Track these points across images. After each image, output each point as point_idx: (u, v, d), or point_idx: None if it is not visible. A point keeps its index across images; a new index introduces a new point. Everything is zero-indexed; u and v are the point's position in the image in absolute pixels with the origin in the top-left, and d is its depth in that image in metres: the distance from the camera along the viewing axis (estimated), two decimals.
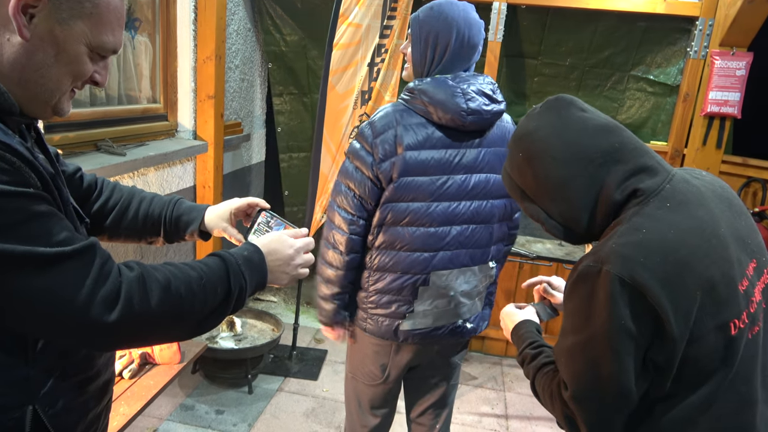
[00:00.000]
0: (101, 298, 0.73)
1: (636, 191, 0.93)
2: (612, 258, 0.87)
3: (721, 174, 2.90)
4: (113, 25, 0.81)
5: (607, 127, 0.97)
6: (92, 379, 0.90)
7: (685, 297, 0.85)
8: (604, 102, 3.17)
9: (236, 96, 3.33)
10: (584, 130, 0.96)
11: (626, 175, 0.94)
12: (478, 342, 3.57)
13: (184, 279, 0.82)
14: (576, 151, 0.95)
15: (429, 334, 1.59)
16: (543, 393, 1.03)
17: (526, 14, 3.08)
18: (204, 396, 2.80)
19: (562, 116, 0.98)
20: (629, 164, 0.94)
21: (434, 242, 1.50)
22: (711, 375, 0.90)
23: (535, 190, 1.01)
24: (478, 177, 1.51)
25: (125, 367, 1.84)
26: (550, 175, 0.97)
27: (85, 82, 0.84)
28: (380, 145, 1.44)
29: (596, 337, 0.88)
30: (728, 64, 2.69)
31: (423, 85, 1.45)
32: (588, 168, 0.94)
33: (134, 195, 1.14)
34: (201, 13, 2.78)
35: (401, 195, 1.46)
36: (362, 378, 1.72)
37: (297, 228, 1.08)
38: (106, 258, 0.77)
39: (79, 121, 2.24)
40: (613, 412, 0.91)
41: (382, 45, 2.98)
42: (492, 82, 1.52)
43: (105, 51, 0.82)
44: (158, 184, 2.62)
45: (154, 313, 0.78)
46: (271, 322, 3.13)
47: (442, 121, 1.45)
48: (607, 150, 0.94)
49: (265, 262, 0.96)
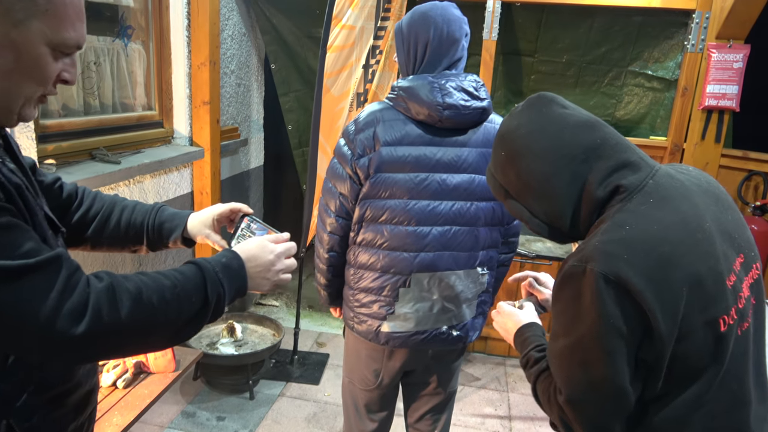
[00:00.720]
0: (67, 311, 0.71)
1: (619, 187, 0.92)
2: (596, 256, 0.86)
3: (721, 168, 2.87)
4: (72, 19, 0.78)
5: (588, 123, 0.96)
6: (72, 391, 0.88)
7: (671, 293, 0.84)
8: (601, 98, 3.15)
9: (233, 101, 3.33)
10: (565, 127, 0.95)
11: (608, 172, 0.93)
12: (480, 343, 3.55)
13: (156, 288, 0.81)
14: (558, 148, 0.95)
15: (410, 338, 1.56)
16: (542, 397, 1.01)
17: (520, 11, 3.06)
18: (205, 402, 2.79)
19: (543, 113, 0.98)
20: (611, 160, 0.93)
21: (414, 241, 1.48)
22: (701, 372, 0.88)
23: (518, 188, 1.00)
24: (461, 177, 1.49)
25: (119, 377, 1.83)
26: (532, 172, 0.96)
27: (55, 83, 0.82)
28: (360, 142, 1.46)
29: (585, 338, 0.87)
30: (725, 56, 2.66)
31: (403, 82, 1.47)
32: (570, 164, 0.94)
33: (116, 203, 1.13)
34: (194, 19, 2.78)
35: (378, 191, 1.47)
36: (357, 383, 1.71)
37: (279, 233, 1.06)
38: (73, 269, 0.75)
39: (73, 131, 2.24)
40: (610, 416, 0.89)
41: (376, 46, 2.98)
42: (476, 80, 1.51)
43: (68, 48, 0.79)
44: (155, 192, 2.62)
45: (125, 325, 0.76)
46: (271, 327, 3.13)
47: (420, 116, 1.45)
48: (589, 146, 0.94)
49: (245, 269, 0.94)
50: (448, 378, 1.75)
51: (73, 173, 2.07)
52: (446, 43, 1.47)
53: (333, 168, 1.53)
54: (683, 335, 0.85)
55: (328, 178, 1.55)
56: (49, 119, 2.14)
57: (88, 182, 2.05)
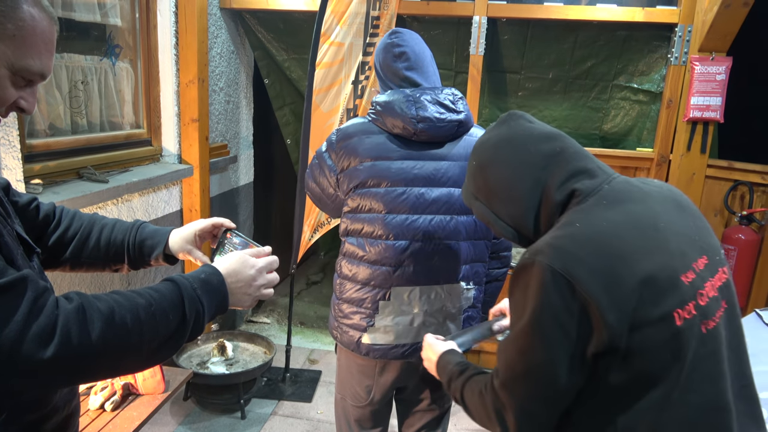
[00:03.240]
0: (34, 334, 0.69)
1: (575, 191, 0.98)
2: (545, 249, 0.90)
3: (707, 178, 2.90)
4: (40, 48, 0.78)
5: (550, 134, 1.05)
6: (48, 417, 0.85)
7: (618, 286, 0.86)
8: (588, 113, 3.18)
9: (221, 118, 3.33)
10: (530, 137, 1.04)
11: (566, 177, 0.99)
12: (474, 357, 3.53)
13: (130, 307, 0.78)
14: (521, 156, 1.03)
15: (390, 351, 1.56)
16: (472, 396, 1.04)
17: (506, 28, 3.10)
18: (196, 423, 2.75)
19: (511, 127, 1.07)
20: (569, 166, 1.00)
21: (393, 255, 1.48)
22: (665, 371, 0.89)
23: (486, 193, 1.07)
24: (440, 191, 1.50)
25: (107, 399, 1.80)
26: (499, 179, 1.05)
27: (10, 109, 0.80)
28: (340, 154, 1.50)
29: (527, 326, 0.90)
30: (708, 69, 2.71)
31: (381, 97, 1.50)
32: (532, 171, 1.01)
33: (95, 222, 1.10)
34: (182, 38, 2.79)
35: (357, 205, 1.49)
36: (350, 399, 1.70)
37: (261, 247, 1.05)
38: (40, 291, 0.73)
39: (61, 150, 2.23)
40: (540, 403, 0.92)
41: (365, 62, 3.00)
42: (454, 93, 1.52)
43: (30, 75, 0.79)
44: (143, 210, 2.61)
45: (97, 347, 0.73)
46: (263, 345, 3.09)
47: (396, 130, 1.47)
48: (549, 154, 1.01)
49: (225, 284, 0.92)
50: (441, 395, 1.73)
51: (60, 193, 2.05)
52: (396, 53, 1.53)
53: (317, 167, 1.58)
54: (635, 327, 0.86)
55: (311, 179, 1.61)
56: (35, 139, 2.13)
57: (76, 202, 2.04)
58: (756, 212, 2.82)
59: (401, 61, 1.51)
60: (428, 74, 1.54)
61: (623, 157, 3.08)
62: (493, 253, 1.64)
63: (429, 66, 1.55)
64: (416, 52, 1.53)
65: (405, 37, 1.53)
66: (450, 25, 3.15)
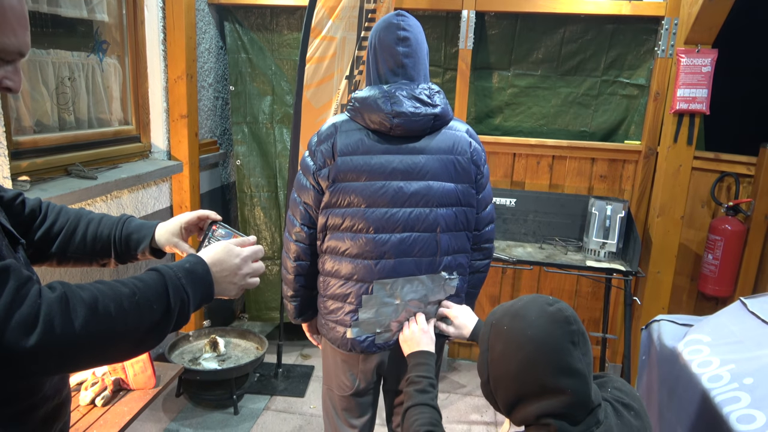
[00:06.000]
0: (16, 323, 0.69)
1: (548, 426, 0.99)
2: None
3: (694, 170, 2.92)
4: (13, 25, 0.77)
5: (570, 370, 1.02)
6: (38, 405, 0.85)
7: None
8: (578, 109, 3.19)
9: (211, 114, 3.32)
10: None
11: (549, 413, 0.99)
12: (465, 350, 3.55)
13: (113, 297, 0.78)
14: (530, 372, 1.02)
15: (374, 344, 1.59)
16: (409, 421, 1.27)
17: (495, 22, 3.11)
18: (188, 419, 2.75)
19: None
20: (558, 408, 0.99)
21: (374, 248, 1.50)
22: None
23: (495, 369, 1.09)
24: (418, 184, 1.51)
25: (98, 395, 1.80)
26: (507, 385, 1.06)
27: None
28: (320, 153, 1.51)
29: None
30: (694, 61, 2.73)
31: (358, 93, 1.52)
32: (537, 383, 1.01)
33: (81, 217, 1.10)
34: (170, 33, 2.78)
35: (337, 200, 1.50)
36: (336, 389, 1.72)
37: (245, 236, 1.05)
38: (23, 280, 0.73)
39: (48, 147, 2.21)
40: None
41: (360, 57, 2.99)
42: (431, 87, 1.53)
43: (7, 54, 0.78)
44: (133, 206, 2.60)
45: (80, 336, 0.74)
46: (255, 340, 3.10)
47: (373, 125, 1.49)
48: (555, 389, 0.99)
49: (210, 273, 0.92)
50: None
51: (48, 190, 2.04)
52: (387, 46, 1.53)
53: (298, 180, 1.58)
54: None
55: (294, 189, 1.60)
56: (22, 136, 2.11)
57: (64, 198, 2.03)
58: (742, 203, 2.85)
59: (403, 45, 1.51)
60: (420, 68, 1.55)
61: (611, 150, 3.10)
62: (475, 245, 1.66)
63: (423, 59, 1.56)
64: (418, 41, 1.54)
65: (410, 23, 1.54)
66: (438, 20, 3.15)
